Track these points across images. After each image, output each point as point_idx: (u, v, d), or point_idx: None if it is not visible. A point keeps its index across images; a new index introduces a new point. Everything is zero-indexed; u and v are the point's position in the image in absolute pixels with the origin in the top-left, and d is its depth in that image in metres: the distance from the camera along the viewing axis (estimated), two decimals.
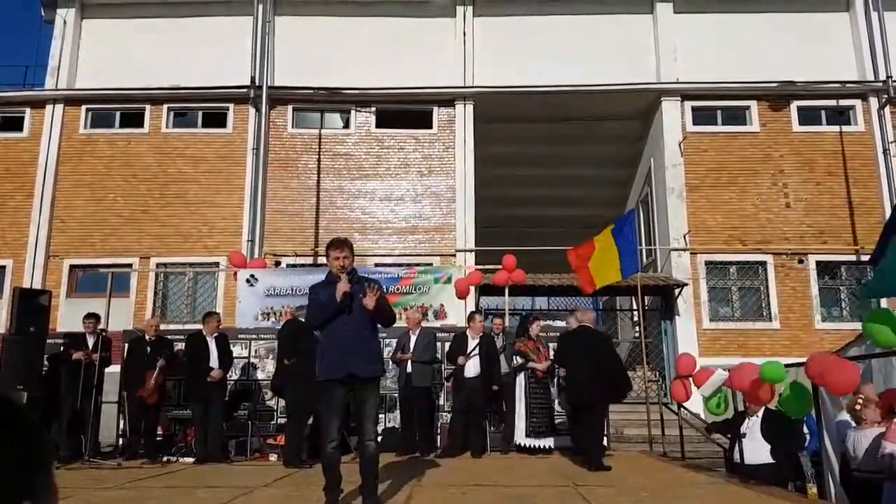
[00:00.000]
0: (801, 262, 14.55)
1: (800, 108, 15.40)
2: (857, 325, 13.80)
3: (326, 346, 4.77)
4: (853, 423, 5.80)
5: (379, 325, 4.91)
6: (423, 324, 9.40)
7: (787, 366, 6.36)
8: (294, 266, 14.08)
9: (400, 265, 13.14)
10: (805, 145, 15.23)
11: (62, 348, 9.00)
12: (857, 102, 15.37)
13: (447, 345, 9.25)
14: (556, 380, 8.87)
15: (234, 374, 9.34)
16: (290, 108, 15.62)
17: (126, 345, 9.24)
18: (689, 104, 15.48)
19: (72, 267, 14.79)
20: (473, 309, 12.06)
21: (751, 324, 14.35)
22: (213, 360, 8.47)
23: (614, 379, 7.26)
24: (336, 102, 15.63)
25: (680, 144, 15.15)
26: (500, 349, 9.04)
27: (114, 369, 9.25)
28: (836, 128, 15.27)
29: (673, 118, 15.36)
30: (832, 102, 15.40)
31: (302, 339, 8.02)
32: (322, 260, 14.40)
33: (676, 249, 14.58)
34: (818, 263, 14.61)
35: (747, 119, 15.50)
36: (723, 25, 15.79)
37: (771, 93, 15.31)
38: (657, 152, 15.77)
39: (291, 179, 15.27)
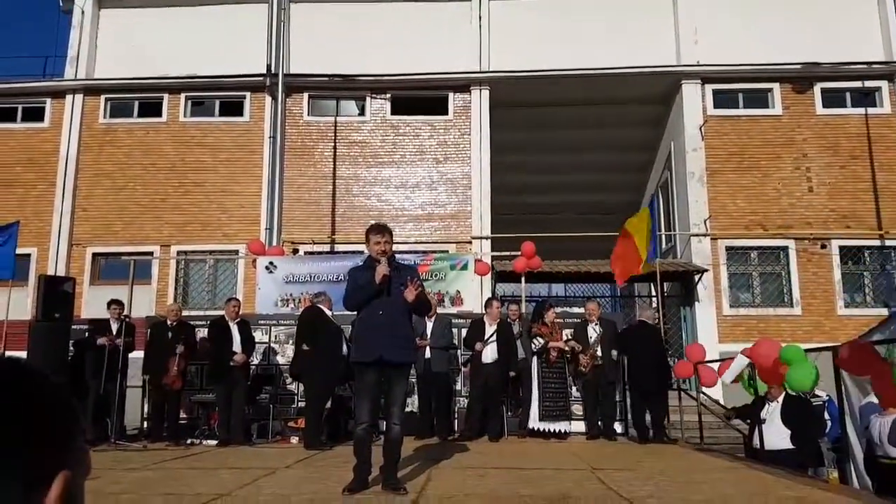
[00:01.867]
0: (823, 247, 14.35)
1: (824, 91, 15.14)
2: (881, 311, 13.67)
3: (361, 329, 4.84)
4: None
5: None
6: (439, 310, 9.43)
7: (807, 350, 6.30)
8: (311, 254, 14.15)
9: (416, 252, 13.16)
10: (829, 128, 14.98)
11: (87, 334, 9.15)
12: (884, 84, 15.07)
13: (463, 331, 9.28)
14: (572, 366, 8.87)
15: (255, 359, 9.43)
16: (305, 95, 15.65)
17: (148, 330, 9.36)
18: (709, 87, 15.27)
19: (94, 255, 15.01)
20: (489, 295, 12.07)
21: (772, 310, 14.21)
22: (236, 345, 8.57)
23: (667, 368, 8.66)
24: (351, 89, 15.63)
25: (700, 128, 14.97)
26: (517, 335, 9.04)
27: (137, 354, 9.38)
28: (861, 110, 15.00)
29: (693, 101, 15.17)
30: (857, 84, 15.11)
31: (320, 325, 8.09)
32: (339, 248, 14.49)
33: (697, 235, 14.45)
34: (841, 248, 14.40)
35: (769, 102, 15.26)
36: (744, 6, 15.50)
37: (794, 75, 15.05)
38: (677, 136, 15.59)
39: (308, 167, 15.32)
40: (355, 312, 4.96)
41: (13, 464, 0.60)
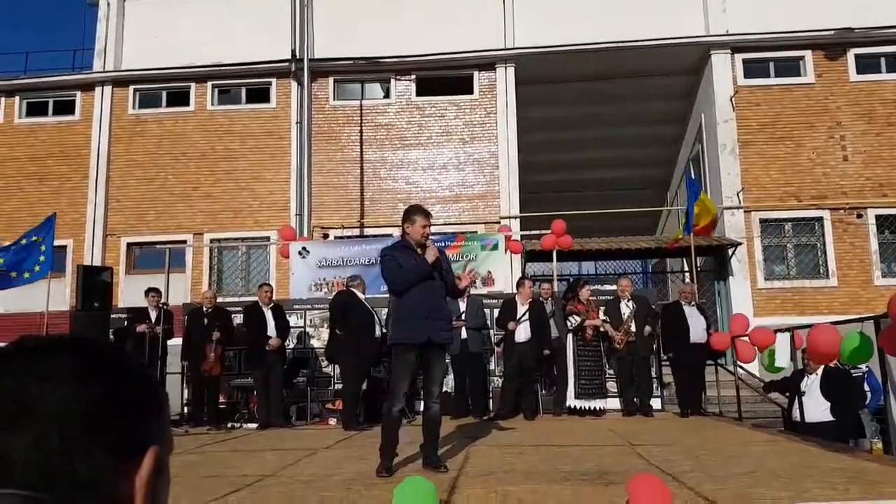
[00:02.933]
0: (859, 216, 14.06)
1: (857, 56, 14.74)
2: None
3: (404, 310, 4.84)
4: None
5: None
6: (472, 291, 9.45)
7: (848, 321, 6.20)
8: (341, 238, 14.24)
9: (445, 234, 13.16)
10: (863, 95, 14.61)
11: (126, 322, 9.34)
12: None
13: (495, 311, 9.30)
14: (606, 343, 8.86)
15: (291, 343, 9.56)
16: (330, 80, 15.67)
17: (185, 317, 9.53)
18: (739, 56, 14.95)
19: (129, 245, 15.29)
20: (520, 275, 12.05)
21: (807, 282, 13.99)
22: (271, 330, 8.69)
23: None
24: (376, 72, 15.61)
25: (731, 99, 14.68)
26: (549, 314, 9.03)
27: (175, 342, 9.56)
28: None
29: (723, 72, 14.87)
30: (892, 49, 14.67)
31: (352, 309, 8.16)
32: (368, 231, 14.56)
33: (730, 208, 14.23)
34: (878, 217, 14.10)
35: (801, 70, 14.91)
36: None
37: (827, 41, 14.66)
38: (707, 108, 15.32)
39: (335, 152, 15.38)
40: (393, 295, 5.02)
41: (110, 439, 0.62)
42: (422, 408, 5.52)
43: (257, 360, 8.67)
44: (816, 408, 6.52)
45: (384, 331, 8.24)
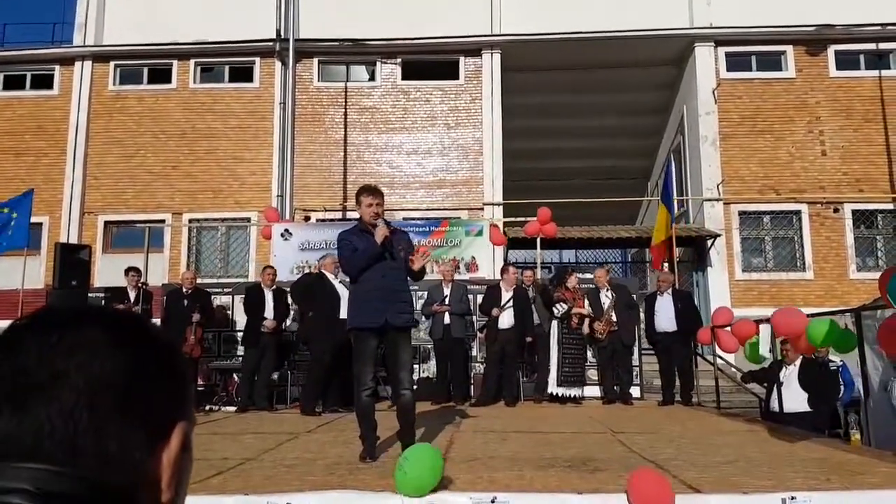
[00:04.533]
0: (836, 210, 14.28)
1: (837, 53, 14.93)
2: None
3: (360, 294, 4.70)
4: None
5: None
6: (455, 276, 9.46)
7: (824, 314, 6.30)
8: (323, 221, 14.16)
9: (428, 219, 13.15)
10: (842, 91, 14.80)
11: (104, 302, 9.20)
12: None
13: (479, 297, 9.32)
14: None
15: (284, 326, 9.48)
16: (315, 60, 15.50)
17: (164, 298, 9.42)
18: (722, 50, 15.07)
19: (106, 223, 15.05)
20: (504, 262, 12.08)
21: (784, 274, 14.20)
22: (268, 311, 8.62)
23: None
24: (361, 54, 15.47)
25: (713, 91, 14.80)
26: (531, 300, 9.07)
27: (155, 321, 9.44)
28: (875, 72, 14.82)
29: (706, 64, 14.98)
30: (871, 46, 14.88)
31: (317, 291, 8.04)
32: (351, 214, 14.47)
33: (710, 200, 14.38)
34: (854, 212, 14.34)
35: (783, 65, 15.06)
36: None
37: (808, 37, 14.82)
38: (690, 100, 15.43)
39: (319, 134, 15.24)
40: (352, 278, 4.83)
41: (140, 413, 0.61)
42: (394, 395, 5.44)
43: (252, 341, 8.59)
44: (794, 398, 6.64)
45: None
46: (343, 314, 7.75)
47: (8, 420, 0.57)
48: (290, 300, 9.03)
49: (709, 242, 14.06)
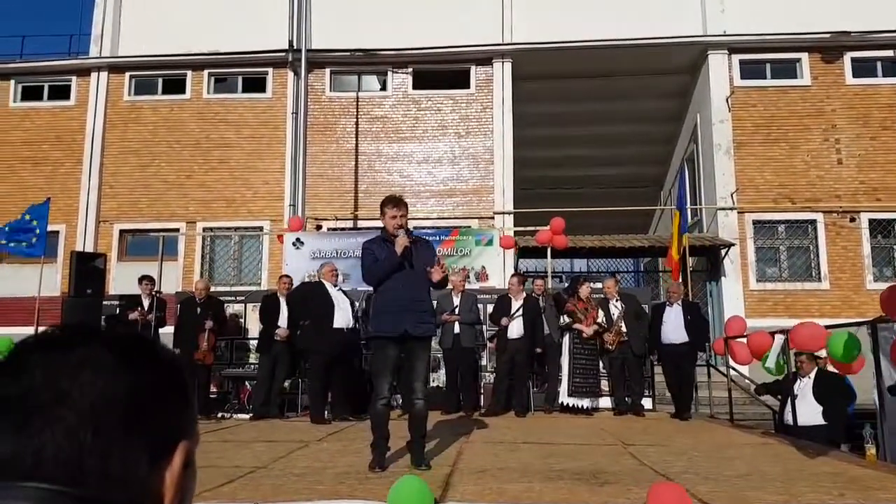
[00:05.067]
0: (852, 220, 14.12)
1: (854, 60, 14.79)
2: None
3: (381, 303, 4.76)
4: None
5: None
6: (465, 286, 9.44)
7: (841, 325, 6.22)
8: (334, 230, 14.21)
9: (439, 228, 13.15)
10: (859, 98, 14.66)
11: (118, 310, 9.29)
12: None
13: (489, 307, 9.29)
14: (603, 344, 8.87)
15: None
16: (327, 70, 15.59)
17: (178, 306, 9.48)
18: (736, 57, 14.97)
19: (121, 231, 15.20)
20: (513, 270, 12.05)
21: (799, 284, 14.05)
22: (283, 320, 8.64)
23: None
24: (373, 64, 15.54)
25: (727, 99, 14.71)
26: (542, 310, 9.04)
27: (168, 330, 9.51)
28: (892, 79, 14.67)
29: (720, 72, 14.90)
30: (889, 53, 14.73)
31: (311, 299, 8.05)
32: (362, 224, 14.53)
33: (723, 209, 14.27)
34: (871, 221, 14.17)
35: (798, 72, 14.95)
36: None
37: (823, 44, 14.70)
38: (703, 108, 15.35)
39: (330, 143, 15.32)
40: (373, 287, 4.88)
41: (143, 433, 0.62)
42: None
43: (266, 349, 8.62)
44: (809, 411, 6.55)
45: (354, 323, 8.12)
46: (338, 323, 7.81)
47: (14, 440, 0.58)
48: None
49: (723, 252, 13.95)
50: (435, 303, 8.91)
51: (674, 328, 8.62)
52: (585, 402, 8.55)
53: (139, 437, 0.61)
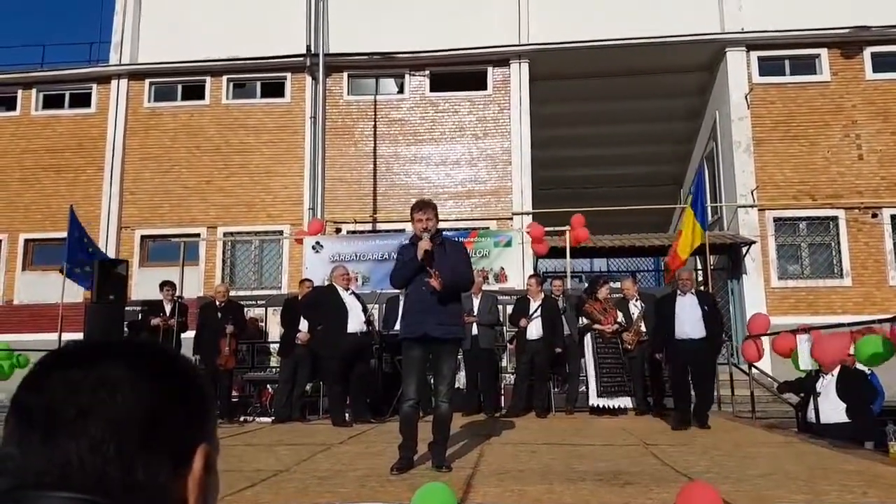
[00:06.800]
0: (874, 216, 13.94)
1: (874, 55, 14.60)
2: None
3: (406, 304, 4.90)
4: None
5: None
6: (484, 287, 9.46)
7: (862, 323, 6.17)
8: (353, 233, 14.28)
9: (457, 230, 13.16)
10: (879, 94, 14.47)
11: (140, 315, 9.41)
12: None
13: (508, 308, 9.29)
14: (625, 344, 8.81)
15: None
16: (345, 75, 15.68)
17: (199, 311, 9.58)
18: (755, 54, 14.84)
19: (143, 237, 15.39)
20: (532, 271, 12.03)
21: (821, 281, 13.89)
22: (304, 324, 8.67)
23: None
24: (390, 67, 15.61)
25: (746, 97, 14.59)
26: (561, 311, 9.02)
27: (189, 334, 9.61)
28: None
29: (738, 69, 14.77)
30: None
31: (323, 304, 8.08)
32: (381, 226, 14.60)
33: (744, 206, 14.15)
34: (893, 217, 13.98)
35: (817, 68, 14.78)
36: None
37: (843, 39, 14.53)
38: (722, 105, 15.23)
39: (349, 147, 15.40)
40: (399, 290, 5.01)
41: (164, 441, 0.64)
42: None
43: (286, 352, 8.68)
44: (832, 409, 6.49)
45: (368, 327, 8.15)
46: (351, 328, 7.85)
47: (40, 452, 0.61)
48: None
49: (744, 249, 13.83)
50: None
51: (690, 321, 7.22)
52: (617, 402, 8.47)
53: (160, 446, 0.64)
